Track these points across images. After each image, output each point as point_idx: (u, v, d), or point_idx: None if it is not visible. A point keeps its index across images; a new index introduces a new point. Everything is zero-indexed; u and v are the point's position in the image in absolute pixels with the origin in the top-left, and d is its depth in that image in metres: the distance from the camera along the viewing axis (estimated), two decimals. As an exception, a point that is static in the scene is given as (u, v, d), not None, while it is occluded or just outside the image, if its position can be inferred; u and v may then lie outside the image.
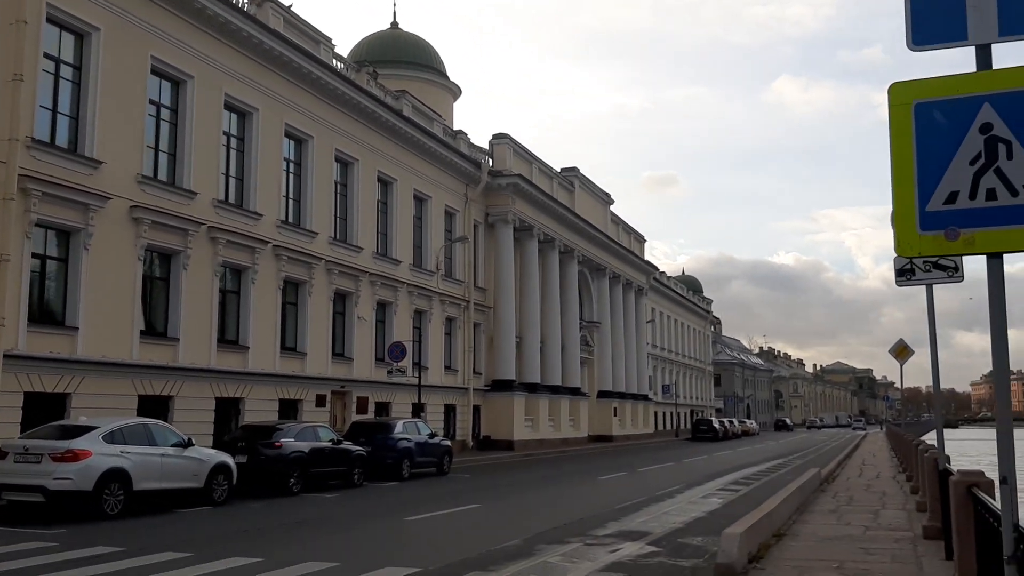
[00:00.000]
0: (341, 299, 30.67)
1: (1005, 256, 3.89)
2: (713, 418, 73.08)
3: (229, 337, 25.36)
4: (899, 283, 9.77)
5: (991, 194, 3.81)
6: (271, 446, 19.51)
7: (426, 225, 36.89)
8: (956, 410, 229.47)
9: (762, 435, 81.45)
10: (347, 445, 22.05)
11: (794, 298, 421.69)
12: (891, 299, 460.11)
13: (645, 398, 63.83)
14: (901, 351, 19.38)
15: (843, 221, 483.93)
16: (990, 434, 3.22)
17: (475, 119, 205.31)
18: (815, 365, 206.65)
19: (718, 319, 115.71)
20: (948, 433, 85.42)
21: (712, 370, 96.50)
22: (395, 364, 30.66)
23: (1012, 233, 3.78)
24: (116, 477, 15.07)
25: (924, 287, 10.33)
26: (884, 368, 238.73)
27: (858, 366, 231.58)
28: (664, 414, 73.17)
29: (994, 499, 5.99)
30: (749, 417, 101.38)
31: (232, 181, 26.11)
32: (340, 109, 30.72)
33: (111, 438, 15.43)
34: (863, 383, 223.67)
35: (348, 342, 30.74)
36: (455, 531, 13.92)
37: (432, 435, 26.37)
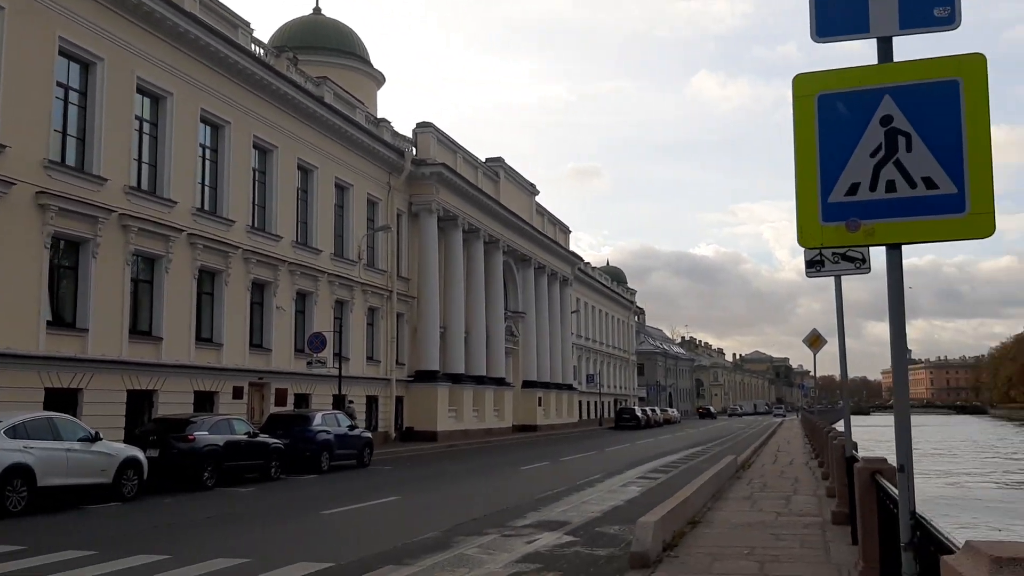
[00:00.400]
0: (259, 289, 30.06)
1: (912, 247, 3.94)
2: (636, 407, 74.07)
3: (142, 328, 24.63)
4: (809, 274, 9.93)
5: (891, 186, 3.84)
6: (184, 439, 18.99)
7: (348, 214, 36.40)
8: (868, 397, 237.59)
9: (683, 423, 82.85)
10: (264, 438, 21.64)
11: (714, 289, 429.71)
12: (807, 290, 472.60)
13: (569, 388, 64.29)
14: (815, 340, 19.81)
15: (761, 214, 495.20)
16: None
17: (399, 108, 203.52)
18: (735, 354, 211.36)
19: (642, 309, 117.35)
20: (861, 419, 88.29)
21: (635, 359, 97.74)
22: (315, 355, 30.24)
23: (910, 225, 3.81)
24: (18, 473, 14.51)
25: (834, 278, 10.53)
26: (800, 357, 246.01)
27: (776, 355, 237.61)
28: (588, 403, 73.83)
29: (896, 486, 6.12)
30: (671, 405, 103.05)
31: (145, 167, 25.33)
32: (259, 95, 30.05)
33: (13, 432, 14.84)
34: (780, 371, 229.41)
35: (266, 333, 30.16)
36: (372, 524, 13.75)
37: (352, 427, 26.08)
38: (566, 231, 67.63)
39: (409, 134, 41.89)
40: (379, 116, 41.41)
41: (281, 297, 30.86)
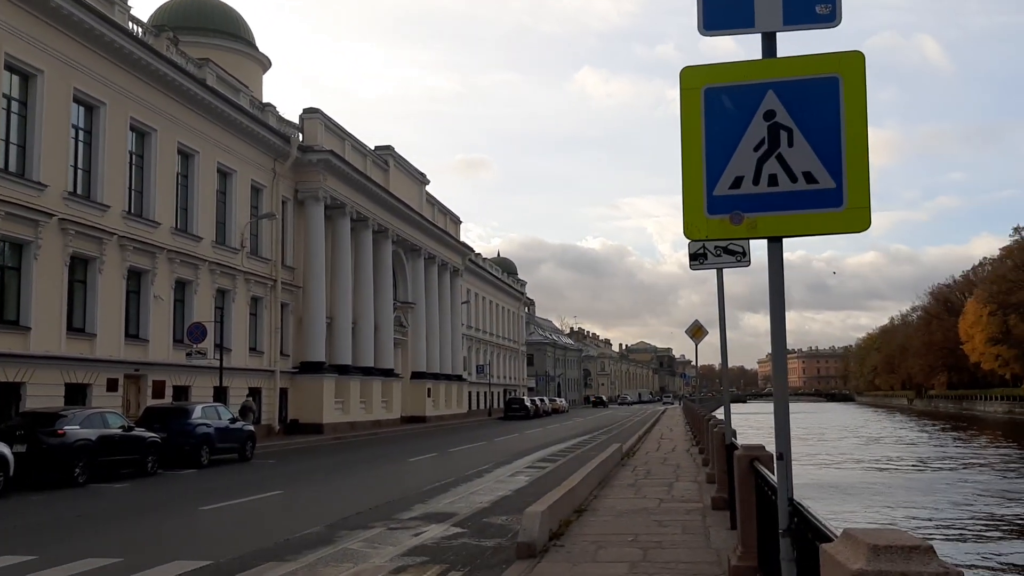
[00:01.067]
0: (136, 277, 28.87)
1: (787, 241, 4.01)
2: (525, 397, 74.57)
3: (8, 317, 23.36)
4: (693, 267, 10.12)
5: (773, 180, 3.90)
6: (53, 434, 18.09)
7: (231, 200, 35.33)
8: (744, 385, 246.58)
9: (572, 412, 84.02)
10: (140, 432, 20.83)
11: (600, 281, 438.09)
12: (688, 283, 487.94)
13: (459, 378, 64.27)
14: (697, 331, 20.33)
15: (645, 209, 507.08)
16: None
17: (286, 95, 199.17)
18: (621, 344, 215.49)
19: (532, 300, 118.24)
20: (739, 407, 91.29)
21: (525, 350, 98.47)
22: (195, 346, 29.28)
23: (791, 218, 3.88)
24: None
25: (715, 271, 10.78)
26: (682, 347, 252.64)
27: (659, 345, 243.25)
28: (478, 394, 74.03)
29: (774, 473, 6.28)
30: (560, 395, 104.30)
31: (12, 148, 23.98)
32: (136, 75, 28.79)
33: None
34: (664, 361, 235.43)
35: (143, 323, 29.01)
36: (253, 520, 13.37)
37: (234, 419, 25.38)
38: (457, 221, 67.47)
39: (296, 120, 40.97)
40: (264, 101, 40.31)
41: (159, 285, 29.73)
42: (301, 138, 40.54)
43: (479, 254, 79.78)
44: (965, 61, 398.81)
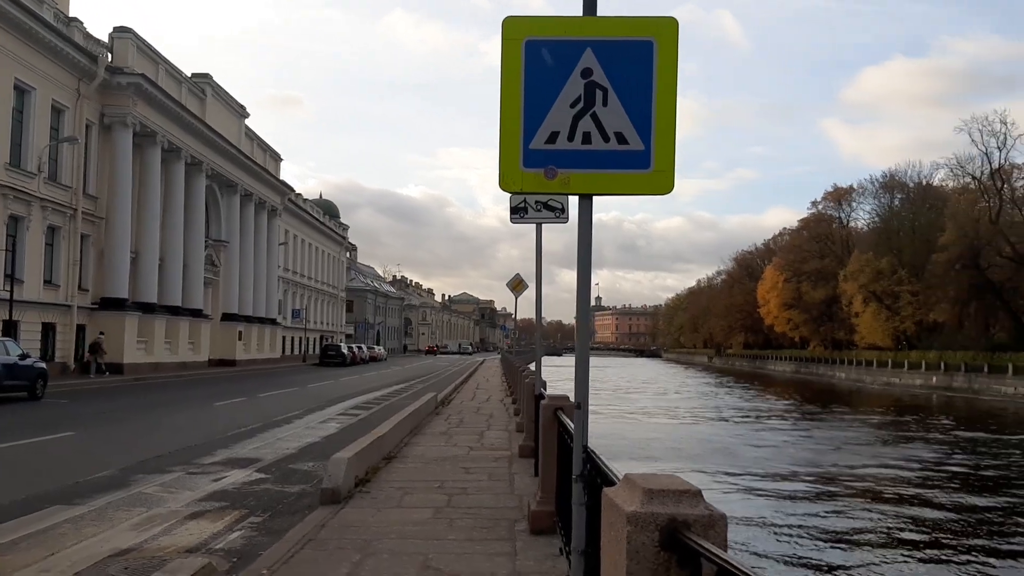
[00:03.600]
0: (-87, 197, 26.27)
1: (604, 202, 4.11)
2: (342, 344, 73.73)
3: None
4: (513, 220, 10.22)
5: (587, 137, 3.97)
6: None
7: (28, 120, 32.60)
8: (562, 339, 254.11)
9: (391, 360, 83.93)
10: (-87, 366, 19.10)
11: (419, 230, 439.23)
12: (507, 236, 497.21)
13: (273, 322, 62.61)
14: (517, 285, 20.65)
15: (466, 160, 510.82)
16: (593, 361, 3.55)
17: (96, 13, 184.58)
18: (443, 295, 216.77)
19: (354, 246, 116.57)
20: (556, 360, 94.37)
21: (345, 296, 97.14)
22: (-19, 276, 27.06)
23: (601, 176, 3.97)
24: None
25: (535, 226, 10.96)
26: (503, 300, 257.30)
27: (482, 297, 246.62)
28: (293, 339, 72.51)
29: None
30: (379, 343, 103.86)
31: None
32: (-82, -29, 25.90)
33: None
34: (485, 313, 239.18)
35: (-79, 248, 26.49)
36: (41, 462, 12.57)
37: (24, 355, 23.70)
38: (277, 159, 65.26)
39: (105, 39, 38.13)
40: (71, 15, 37.23)
41: (-60, 208, 27.17)
42: (110, 58, 37.83)
43: (299, 194, 77.58)
44: (762, 40, 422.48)
